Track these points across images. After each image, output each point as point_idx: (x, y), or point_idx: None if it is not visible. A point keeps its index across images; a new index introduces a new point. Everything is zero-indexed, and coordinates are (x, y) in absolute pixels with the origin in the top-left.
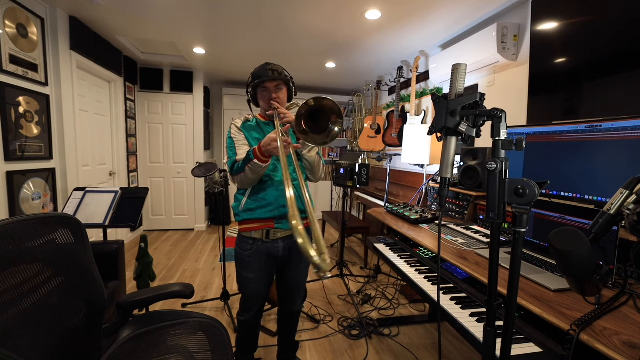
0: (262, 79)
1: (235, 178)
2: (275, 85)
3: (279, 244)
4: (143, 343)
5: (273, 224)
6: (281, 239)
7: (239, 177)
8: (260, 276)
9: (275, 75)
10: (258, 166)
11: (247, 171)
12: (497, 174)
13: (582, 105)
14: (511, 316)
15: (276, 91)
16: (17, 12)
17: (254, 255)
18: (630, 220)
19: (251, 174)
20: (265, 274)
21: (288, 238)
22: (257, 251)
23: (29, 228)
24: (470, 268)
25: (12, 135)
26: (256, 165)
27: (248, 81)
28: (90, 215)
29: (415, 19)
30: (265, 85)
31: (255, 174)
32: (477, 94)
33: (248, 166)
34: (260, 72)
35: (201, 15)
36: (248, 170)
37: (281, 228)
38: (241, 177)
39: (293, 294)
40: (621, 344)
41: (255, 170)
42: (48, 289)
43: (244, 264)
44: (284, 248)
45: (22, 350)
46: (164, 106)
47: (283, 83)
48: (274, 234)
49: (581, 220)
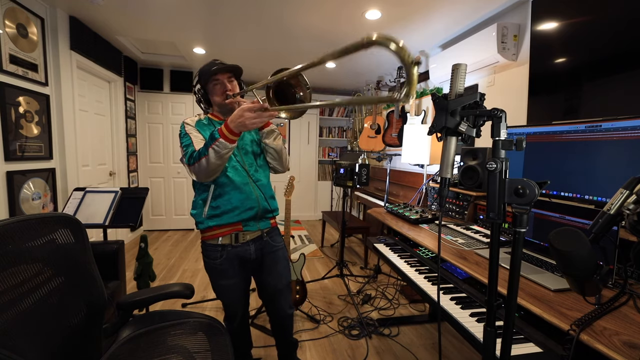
0: (213, 69)
1: (193, 167)
2: (227, 77)
3: (250, 246)
4: (143, 343)
5: (241, 227)
6: (251, 241)
7: (199, 165)
8: (237, 281)
9: (227, 66)
10: (224, 146)
11: (210, 154)
12: (497, 174)
13: (582, 105)
14: (511, 316)
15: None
16: (17, 12)
17: (225, 262)
18: (630, 220)
19: (215, 157)
20: (242, 278)
21: (258, 239)
22: (228, 257)
23: (29, 228)
24: (470, 268)
25: (12, 135)
26: (222, 144)
27: (194, 80)
28: (90, 215)
29: (416, 19)
30: (217, 78)
31: (220, 158)
32: (477, 94)
33: (212, 147)
34: (209, 65)
35: (201, 15)
36: (212, 153)
37: (250, 230)
38: (202, 163)
39: (275, 300)
40: (621, 344)
41: (221, 152)
42: (48, 289)
43: (217, 272)
44: (255, 250)
45: (22, 350)
46: (164, 106)
47: (234, 76)
48: (243, 237)
49: (581, 220)
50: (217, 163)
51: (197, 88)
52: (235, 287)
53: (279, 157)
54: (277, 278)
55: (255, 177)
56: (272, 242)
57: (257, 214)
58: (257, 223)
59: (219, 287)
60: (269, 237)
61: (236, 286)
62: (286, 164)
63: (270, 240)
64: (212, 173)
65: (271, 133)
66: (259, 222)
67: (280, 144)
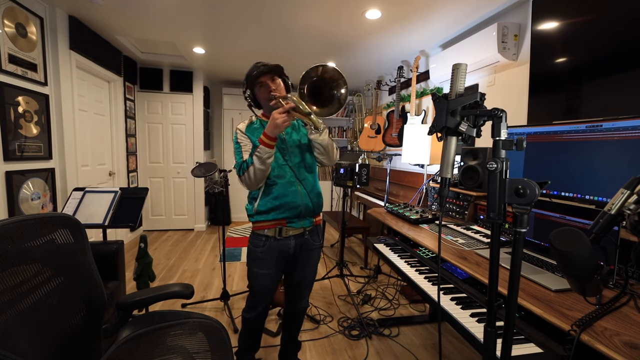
0: (255, 74)
1: (243, 177)
2: (270, 77)
3: (291, 241)
4: (143, 343)
5: (285, 223)
6: (293, 236)
7: (247, 174)
8: (272, 272)
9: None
10: (265, 151)
11: (255, 161)
12: (497, 174)
13: (582, 105)
14: (511, 316)
15: (272, 82)
16: (16, 11)
17: (266, 252)
18: (631, 220)
19: (259, 163)
20: (276, 270)
21: (300, 236)
22: (269, 248)
23: (28, 228)
24: (470, 268)
25: (11, 135)
26: (263, 150)
27: (244, 87)
28: (89, 215)
29: (416, 19)
30: (260, 80)
31: (262, 163)
32: (477, 93)
33: (255, 154)
34: (252, 70)
35: (201, 15)
36: (255, 160)
37: (293, 226)
38: (250, 172)
39: (301, 290)
40: (622, 344)
41: (262, 158)
42: (47, 289)
43: (256, 260)
44: (295, 246)
45: (21, 351)
46: (164, 106)
47: (277, 75)
48: (286, 232)
49: (582, 220)
50: (262, 168)
51: (246, 94)
52: (267, 277)
53: (326, 152)
54: (306, 273)
55: (302, 176)
56: (312, 240)
57: (301, 212)
58: (301, 221)
59: (253, 274)
60: (310, 235)
61: (268, 277)
62: (334, 158)
63: (310, 239)
64: (257, 181)
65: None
66: (303, 220)
67: (327, 139)
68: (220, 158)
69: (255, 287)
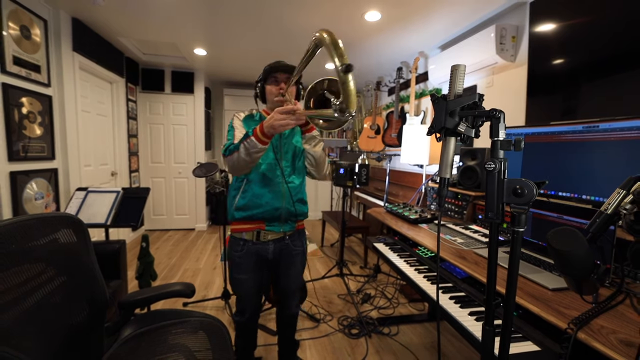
0: (273, 65)
1: (227, 159)
2: (286, 77)
3: (269, 246)
4: (144, 342)
5: (264, 226)
6: (271, 241)
7: (231, 158)
8: (251, 277)
9: (288, 66)
10: (253, 145)
11: (241, 150)
12: (495, 174)
13: (580, 106)
14: (510, 315)
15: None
16: (21, 14)
17: (244, 256)
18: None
19: (245, 153)
20: (256, 275)
21: (279, 241)
22: (247, 252)
23: (31, 228)
24: (469, 267)
25: (15, 136)
26: (251, 143)
27: (259, 77)
28: (92, 215)
29: (415, 20)
30: (276, 75)
31: (249, 156)
32: (476, 94)
33: (243, 144)
34: (274, 64)
35: (202, 16)
36: (242, 149)
37: (272, 230)
38: (233, 157)
39: (286, 298)
40: (618, 342)
41: (250, 151)
42: (51, 289)
43: (235, 265)
44: (274, 251)
45: (25, 349)
46: (165, 107)
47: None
48: (264, 236)
49: (579, 220)
50: (246, 160)
51: (258, 84)
52: (248, 282)
53: (317, 164)
54: (290, 281)
55: (289, 179)
56: (293, 245)
57: (281, 215)
58: (281, 225)
59: (234, 280)
60: (291, 240)
61: (249, 281)
62: (323, 173)
63: (291, 244)
64: (240, 168)
65: (312, 139)
66: (283, 224)
67: (320, 151)
68: (221, 158)
69: (238, 292)
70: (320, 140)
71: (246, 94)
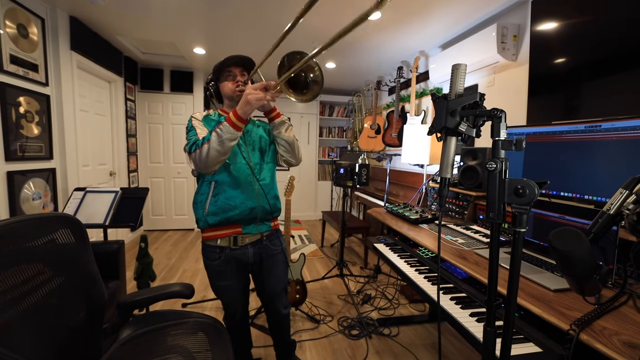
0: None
1: (194, 155)
2: (240, 71)
3: (248, 249)
4: (143, 343)
5: (240, 230)
6: (250, 244)
7: (200, 152)
8: (234, 283)
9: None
10: (227, 130)
11: (212, 139)
12: (496, 174)
13: (581, 105)
14: (511, 316)
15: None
16: (18, 12)
17: (223, 264)
18: (629, 220)
19: (217, 142)
20: (239, 280)
21: (257, 243)
22: (226, 259)
23: (29, 228)
24: (470, 268)
25: (12, 136)
26: (225, 128)
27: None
28: (90, 215)
29: (416, 19)
30: (229, 70)
31: (221, 145)
32: (476, 94)
33: (215, 131)
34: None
35: (201, 15)
36: (214, 138)
37: (249, 233)
38: (203, 150)
39: (272, 301)
40: (621, 343)
41: (223, 138)
42: (48, 289)
43: (215, 273)
44: (254, 254)
45: (22, 350)
46: (164, 106)
47: (246, 72)
48: (242, 240)
49: (581, 220)
50: (218, 150)
51: (210, 84)
52: (232, 288)
53: (292, 149)
54: (274, 282)
55: (260, 176)
56: (272, 245)
57: (257, 215)
58: (257, 226)
59: (217, 288)
60: (269, 240)
61: (233, 287)
62: (299, 156)
63: (269, 244)
64: (210, 163)
65: (282, 124)
66: (259, 224)
67: (292, 136)
68: None
69: (223, 300)
70: (290, 125)
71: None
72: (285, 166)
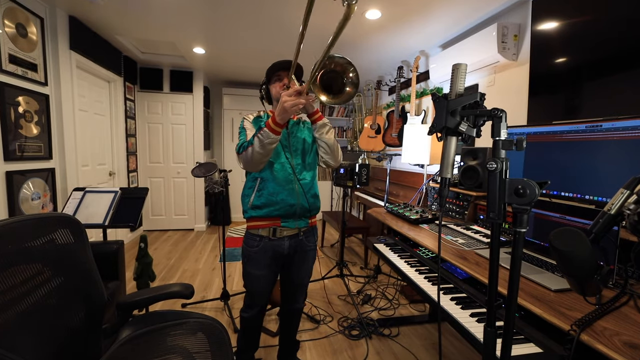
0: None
1: (240, 156)
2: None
3: (285, 242)
4: (143, 343)
5: (279, 223)
6: (287, 237)
7: (245, 153)
8: (266, 273)
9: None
10: (267, 135)
11: (255, 143)
12: (497, 174)
13: (582, 105)
14: (511, 316)
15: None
16: (17, 11)
17: (260, 252)
18: (630, 220)
19: (259, 146)
20: (271, 271)
21: (294, 237)
22: (263, 248)
23: (28, 228)
24: (470, 268)
25: (11, 135)
26: (265, 133)
27: (263, 80)
28: (89, 215)
29: (416, 19)
30: (278, 74)
31: (263, 148)
32: (477, 93)
33: (257, 136)
34: (275, 63)
35: (201, 15)
36: (256, 142)
37: (287, 227)
38: (248, 151)
39: (295, 292)
40: (622, 344)
41: (264, 142)
42: (47, 289)
43: (250, 260)
44: (290, 247)
45: (21, 351)
46: (164, 106)
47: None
48: (280, 232)
49: (582, 220)
50: (260, 152)
51: (262, 87)
52: (262, 277)
53: (332, 151)
54: (303, 273)
55: (301, 176)
56: (307, 241)
57: (297, 211)
58: (296, 221)
59: (248, 275)
60: (305, 236)
61: (263, 277)
62: (338, 158)
63: (305, 240)
64: (255, 163)
65: (323, 127)
66: (298, 220)
67: (332, 138)
68: (220, 158)
69: (250, 287)
70: (331, 127)
71: (245, 93)
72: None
